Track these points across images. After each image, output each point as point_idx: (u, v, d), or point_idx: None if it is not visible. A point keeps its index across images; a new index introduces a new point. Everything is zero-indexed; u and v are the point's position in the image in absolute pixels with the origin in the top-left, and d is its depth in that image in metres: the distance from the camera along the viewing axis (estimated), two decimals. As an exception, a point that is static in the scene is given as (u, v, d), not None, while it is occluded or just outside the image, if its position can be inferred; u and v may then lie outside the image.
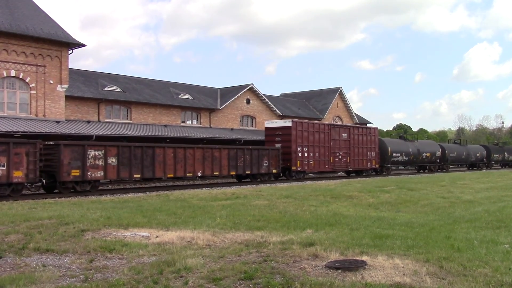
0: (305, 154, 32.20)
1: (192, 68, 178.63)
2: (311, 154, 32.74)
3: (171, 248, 8.01)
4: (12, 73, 28.46)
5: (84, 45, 31.18)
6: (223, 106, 43.64)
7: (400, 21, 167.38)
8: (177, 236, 9.01)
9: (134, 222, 10.85)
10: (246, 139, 37.58)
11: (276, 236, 9.08)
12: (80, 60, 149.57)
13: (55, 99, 30.13)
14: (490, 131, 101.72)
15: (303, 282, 5.73)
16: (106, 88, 36.39)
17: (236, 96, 45.11)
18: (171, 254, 7.35)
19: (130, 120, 37.17)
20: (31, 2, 31.55)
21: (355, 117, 60.17)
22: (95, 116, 34.83)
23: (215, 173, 26.48)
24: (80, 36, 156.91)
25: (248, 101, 46.94)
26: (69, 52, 30.94)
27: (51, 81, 29.87)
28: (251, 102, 47.21)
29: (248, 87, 46.64)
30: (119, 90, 37.23)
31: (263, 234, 9.29)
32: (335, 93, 57.67)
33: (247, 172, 28.29)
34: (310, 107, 56.64)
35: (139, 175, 22.70)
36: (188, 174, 25.18)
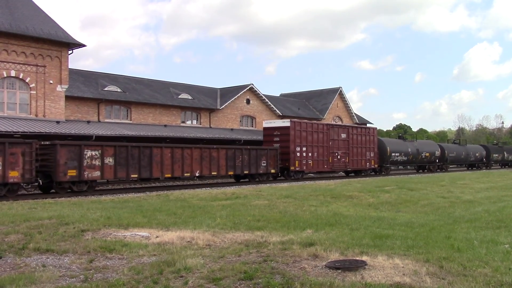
0: (303, 154, 32.14)
1: (192, 68, 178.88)
2: (310, 154, 32.67)
3: (171, 248, 8.01)
4: (12, 73, 28.48)
5: (84, 45, 31.21)
6: (223, 106, 43.65)
7: (400, 21, 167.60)
8: (177, 236, 9.01)
9: (134, 222, 10.85)
10: (246, 139, 37.60)
11: (276, 236, 9.08)
12: (80, 60, 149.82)
13: (55, 99, 30.14)
14: (490, 131, 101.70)
15: (303, 282, 5.74)
16: (106, 88, 36.40)
17: (236, 96, 45.11)
18: (171, 254, 7.35)
19: (130, 120, 37.18)
20: (31, 2, 31.56)
21: (355, 117, 60.17)
22: (95, 116, 34.84)
23: (213, 173, 26.41)
24: (80, 36, 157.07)
25: (248, 101, 46.95)
26: (69, 52, 30.96)
27: (51, 81, 29.88)
28: (251, 102, 47.22)
29: (248, 87, 46.64)
30: (119, 90, 37.24)
31: (263, 234, 9.30)
32: (335, 93, 57.68)
33: (245, 172, 28.21)
34: (310, 107, 56.64)
35: (136, 175, 22.63)
36: (186, 174, 25.12)
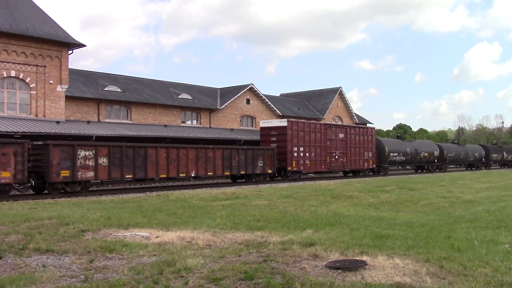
0: (301, 154, 31.90)
1: (192, 68, 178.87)
2: (307, 154, 32.45)
3: (171, 248, 8.01)
4: (12, 73, 28.48)
5: (84, 45, 31.20)
6: (223, 106, 43.64)
7: (400, 21, 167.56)
8: (177, 236, 9.01)
9: (134, 222, 10.85)
10: (246, 139, 37.57)
11: (276, 236, 9.08)
12: (80, 60, 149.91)
13: (55, 99, 30.14)
14: (490, 131, 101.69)
15: (303, 282, 5.73)
16: (106, 88, 36.40)
17: (236, 96, 45.10)
18: (171, 254, 7.35)
19: (130, 120, 37.18)
20: (31, 2, 31.56)
21: (355, 117, 60.16)
22: (95, 116, 34.84)
23: (209, 173, 26.19)
24: (80, 36, 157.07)
25: (248, 101, 46.94)
26: (69, 52, 30.96)
27: (51, 81, 29.88)
28: (251, 102, 47.21)
29: (248, 87, 46.63)
30: (119, 90, 37.24)
31: (263, 234, 9.29)
32: (335, 93, 57.67)
33: (241, 172, 27.98)
34: (310, 107, 56.63)
35: (130, 175, 22.42)
36: (182, 175, 24.89)
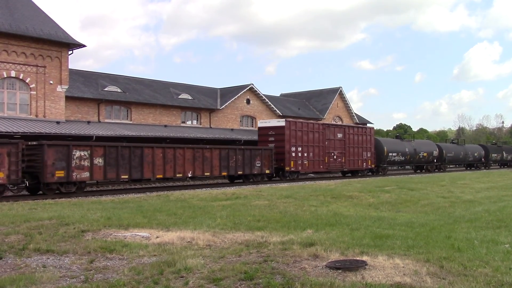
0: (299, 154, 31.72)
1: (192, 68, 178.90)
2: (305, 154, 32.26)
3: (172, 248, 8.01)
4: (12, 73, 28.48)
5: (84, 45, 31.21)
6: (223, 106, 43.64)
7: (400, 21, 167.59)
8: (177, 237, 9.01)
9: (134, 223, 10.85)
10: (246, 139, 37.56)
11: (276, 236, 9.07)
12: (80, 60, 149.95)
13: (55, 99, 30.14)
14: (490, 130, 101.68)
15: (304, 282, 5.73)
16: (106, 89, 36.40)
17: (236, 96, 45.10)
18: (172, 255, 7.35)
19: (130, 120, 37.18)
20: (31, 2, 31.57)
21: (355, 117, 60.16)
22: (95, 117, 34.84)
23: (206, 173, 25.98)
24: (80, 37, 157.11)
25: (248, 101, 46.94)
26: (69, 53, 30.96)
27: (51, 81, 29.88)
28: (251, 102, 47.21)
29: (248, 87, 46.63)
30: (119, 91, 37.24)
31: (264, 234, 9.29)
32: (335, 93, 57.67)
33: (239, 172, 27.79)
34: (310, 107, 56.63)
35: (126, 176, 22.26)
36: (178, 175, 24.69)
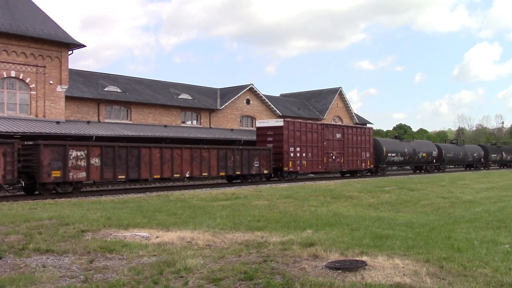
0: (297, 154, 31.57)
1: (192, 68, 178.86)
2: (304, 155, 32.11)
3: (171, 248, 8.01)
4: (12, 73, 28.48)
5: (84, 45, 31.21)
6: (223, 107, 43.64)
7: (400, 21, 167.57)
8: (177, 237, 9.01)
9: (134, 223, 10.85)
10: (246, 139, 37.56)
11: (276, 236, 9.07)
12: (80, 60, 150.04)
13: (55, 99, 30.14)
14: (490, 131, 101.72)
15: (303, 282, 5.73)
16: (106, 89, 36.41)
17: (236, 97, 45.11)
18: (171, 255, 7.35)
19: (130, 120, 37.19)
20: (31, 2, 31.58)
21: (355, 117, 60.16)
22: (95, 117, 34.85)
23: (203, 174, 25.86)
24: (80, 37, 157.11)
25: (248, 101, 46.94)
26: (69, 53, 30.97)
27: (51, 81, 29.89)
28: (251, 102, 47.22)
29: (248, 87, 46.63)
30: (119, 91, 37.24)
31: (263, 234, 9.29)
32: (335, 93, 57.67)
33: (237, 172, 27.64)
34: (310, 107, 56.64)
35: (123, 176, 22.14)
36: (176, 175, 24.56)
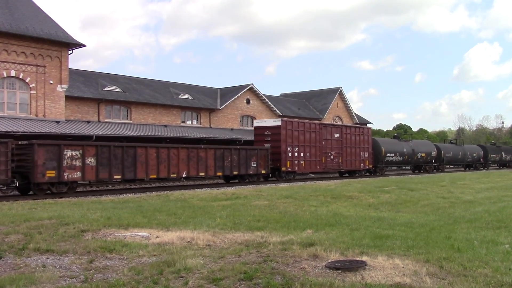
0: (295, 154, 31.44)
1: (192, 68, 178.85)
2: (302, 154, 31.98)
3: (171, 248, 8.00)
4: (12, 73, 28.48)
5: (84, 45, 31.21)
6: (223, 106, 43.64)
7: (400, 21, 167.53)
8: (177, 237, 9.01)
9: (134, 223, 10.85)
10: (246, 139, 37.54)
11: (276, 236, 9.07)
12: (80, 60, 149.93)
13: (55, 99, 30.14)
14: (490, 131, 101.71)
15: (303, 282, 5.73)
16: (106, 88, 36.40)
17: (236, 96, 45.10)
18: (171, 255, 7.35)
19: (130, 120, 37.18)
20: (31, 2, 31.57)
21: (355, 117, 60.14)
22: (95, 116, 34.84)
23: (200, 174, 25.72)
24: (80, 37, 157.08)
25: (248, 101, 46.94)
26: (69, 52, 30.96)
27: (51, 81, 29.88)
28: (251, 102, 47.22)
29: (248, 87, 46.63)
30: (119, 90, 37.24)
31: (263, 234, 9.29)
32: (335, 93, 57.66)
33: (234, 173, 27.49)
34: (310, 107, 56.64)
35: (119, 176, 22.00)
36: (172, 175, 24.40)
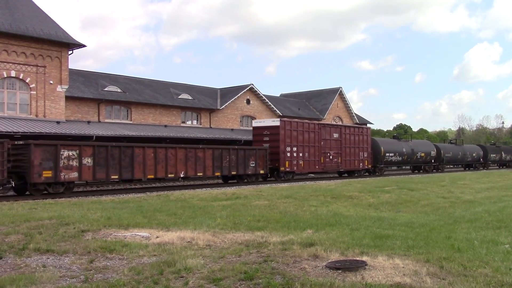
0: (294, 154, 31.33)
1: (192, 68, 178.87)
2: (301, 154, 31.86)
3: (171, 248, 8.00)
4: (12, 73, 28.49)
5: (84, 45, 31.22)
6: (223, 107, 43.65)
7: (400, 21, 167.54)
8: (177, 237, 9.01)
9: (134, 223, 10.84)
10: (246, 139, 37.53)
11: (276, 236, 9.07)
12: (80, 60, 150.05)
13: (55, 99, 30.14)
14: (490, 131, 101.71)
15: (303, 282, 5.73)
16: (106, 89, 36.41)
17: (236, 97, 45.11)
18: (171, 255, 7.35)
19: (130, 120, 37.19)
20: (31, 2, 31.58)
21: (355, 117, 60.14)
22: (95, 117, 34.85)
23: (198, 174, 25.61)
24: (80, 37, 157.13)
25: (248, 101, 46.94)
26: (69, 53, 30.98)
27: (51, 81, 29.89)
28: (251, 102, 47.22)
29: (248, 88, 46.64)
30: (119, 91, 37.25)
31: (264, 234, 9.29)
32: (335, 93, 57.66)
33: (232, 173, 27.39)
34: (310, 107, 56.64)
35: (116, 176, 21.91)
36: (170, 175, 24.30)
